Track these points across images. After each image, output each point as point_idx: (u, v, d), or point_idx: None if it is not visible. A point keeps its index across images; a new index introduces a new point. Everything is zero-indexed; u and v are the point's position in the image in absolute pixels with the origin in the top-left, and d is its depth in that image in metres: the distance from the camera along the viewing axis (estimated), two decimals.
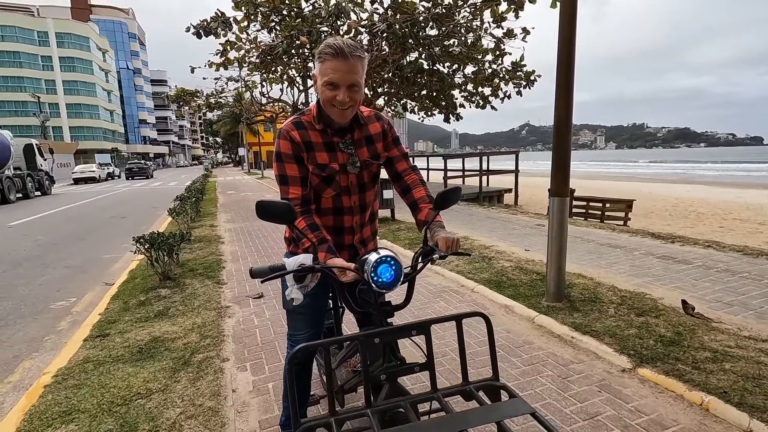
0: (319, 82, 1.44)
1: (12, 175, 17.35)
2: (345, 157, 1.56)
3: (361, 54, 1.39)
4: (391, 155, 1.70)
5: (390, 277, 1.22)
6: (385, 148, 1.68)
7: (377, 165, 1.66)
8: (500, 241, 6.34)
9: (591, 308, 3.52)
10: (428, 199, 1.60)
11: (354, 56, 1.36)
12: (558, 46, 3.44)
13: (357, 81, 1.41)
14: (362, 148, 1.60)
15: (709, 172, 40.50)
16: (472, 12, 10.74)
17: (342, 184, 1.58)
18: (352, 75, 1.39)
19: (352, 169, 1.57)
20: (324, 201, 1.60)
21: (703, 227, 11.07)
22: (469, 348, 2.94)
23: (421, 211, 1.57)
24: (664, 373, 2.51)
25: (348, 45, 1.36)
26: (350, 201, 1.61)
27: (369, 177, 1.64)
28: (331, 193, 1.58)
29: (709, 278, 4.25)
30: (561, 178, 3.61)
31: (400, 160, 1.71)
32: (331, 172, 1.54)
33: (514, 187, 14.60)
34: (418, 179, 1.69)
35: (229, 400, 2.46)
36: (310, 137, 1.54)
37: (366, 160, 1.60)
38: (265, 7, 9.88)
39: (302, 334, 1.77)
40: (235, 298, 4.26)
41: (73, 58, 55.49)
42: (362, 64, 1.41)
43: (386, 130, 1.67)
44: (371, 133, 1.63)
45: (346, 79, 1.39)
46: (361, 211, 1.66)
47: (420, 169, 7.22)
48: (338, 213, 1.62)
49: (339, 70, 1.37)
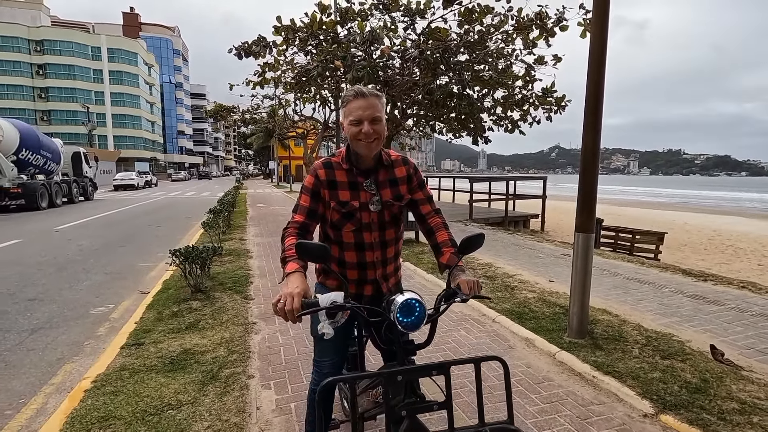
0: (345, 124, 1.64)
1: (60, 181, 18.49)
2: (367, 197, 1.69)
3: (378, 93, 1.60)
4: (415, 198, 1.81)
5: (414, 319, 1.32)
6: (410, 191, 1.80)
7: (398, 206, 1.77)
8: (524, 270, 6.31)
9: (614, 347, 3.47)
10: (450, 243, 1.71)
11: (372, 95, 1.59)
12: (587, 86, 3.50)
13: (378, 115, 1.60)
14: (386, 189, 1.73)
15: (755, 204, 38.33)
16: (504, 39, 10.90)
17: (363, 221, 1.70)
18: (372, 110, 1.58)
19: (374, 207, 1.70)
20: (345, 236, 1.72)
21: (740, 264, 10.59)
22: (487, 382, 2.96)
23: (444, 255, 1.68)
24: (687, 421, 2.46)
25: (367, 90, 1.59)
26: (371, 237, 1.73)
27: (390, 216, 1.75)
28: (350, 228, 1.70)
29: (742, 322, 4.11)
30: (587, 214, 3.63)
31: (425, 203, 1.82)
32: (351, 209, 1.68)
33: (541, 212, 14.43)
34: (441, 222, 1.80)
35: (254, 418, 2.58)
36: (336, 176, 1.69)
37: (388, 201, 1.72)
38: (303, 33, 10.35)
39: (327, 360, 1.87)
40: (261, 315, 4.41)
41: (122, 72, 59.07)
42: (380, 102, 1.61)
43: (411, 174, 1.80)
44: (396, 177, 1.76)
45: (368, 114, 1.58)
46: (382, 248, 1.76)
47: (447, 190, 7.29)
48: (360, 249, 1.73)
49: (360, 107, 1.58)
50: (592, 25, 3.57)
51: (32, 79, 53.46)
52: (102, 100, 57.88)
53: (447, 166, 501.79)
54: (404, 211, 1.84)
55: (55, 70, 54.01)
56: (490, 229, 11.55)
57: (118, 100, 59.20)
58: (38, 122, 50.49)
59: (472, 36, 10.38)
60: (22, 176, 15.96)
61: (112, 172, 40.94)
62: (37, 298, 5.18)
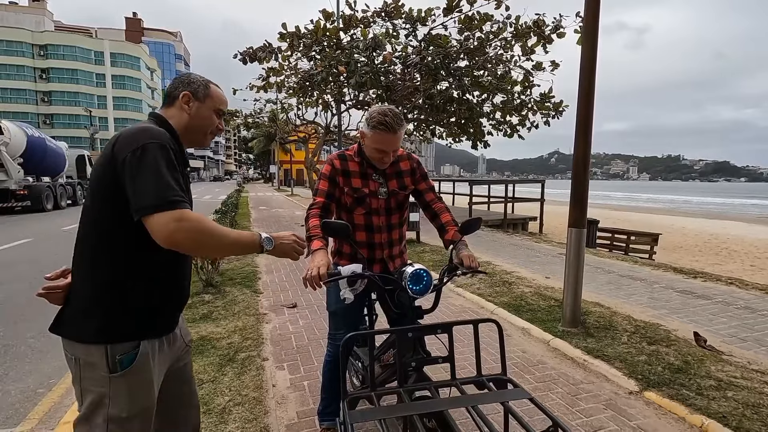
0: (368, 143, 1.87)
1: (65, 183, 18.74)
2: (375, 186, 1.98)
3: (403, 124, 1.83)
4: (419, 189, 2.10)
5: (423, 287, 1.56)
6: (413, 182, 2.08)
7: (403, 195, 2.06)
8: (522, 268, 6.54)
9: (605, 335, 3.70)
10: (453, 223, 1.99)
11: (399, 128, 1.80)
12: (578, 95, 3.76)
13: (399, 146, 1.88)
14: (392, 180, 2.01)
15: (754, 210, 38.50)
16: (503, 45, 11.20)
17: (372, 207, 1.98)
18: (396, 142, 1.84)
19: (381, 195, 1.98)
20: (357, 218, 2.00)
21: (733, 265, 10.84)
22: (485, 350, 3.19)
23: (448, 233, 1.96)
24: (668, 396, 2.69)
25: (396, 121, 1.77)
26: (379, 221, 2.01)
27: (395, 203, 2.04)
28: (361, 211, 1.98)
29: (727, 314, 4.35)
30: (578, 211, 3.88)
31: (428, 192, 2.11)
32: (362, 195, 1.96)
33: (539, 215, 14.67)
34: (444, 207, 2.09)
35: (270, 393, 2.80)
36: (349, 167, 1.98)
37: (393, 190, 2.01)
38: (308, 39, 10.65)
39: (341, 333, 2.11)
40: (271, 307, 4.64)
41: (124, 77, 59.58)
42: (403, 131, 1.85)
43: (414, 168, 2.09)
44: (401, 170, 2.05)
45: (392, 146, 1.84)
46: (389, 231, 2.04)
47: (447, 194, 7.64)
48: (369, 230, 2.01)
49: (388, 141, 1.81)
50: (582, 33, 3.84)
51: (35, 83, 53.93)
52: (104, 104, 58.30)
53: (447, 171, 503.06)
54: (408, 200, 2.11)
55: (58, 74, 54.49)
56: (490, 231, 11.79)
57: (120, 104, 59.63)
58: (41, 126, 50.78)
59: (471, 43, 10.69)
60: (28, 178, 16.22)
61: None
62: None
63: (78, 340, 1.21)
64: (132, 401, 1.22)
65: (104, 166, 1.18)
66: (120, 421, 1.21)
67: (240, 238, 1.25)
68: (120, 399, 1.20)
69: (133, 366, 1.22)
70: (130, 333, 1.23)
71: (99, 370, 1.19)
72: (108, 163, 1.17)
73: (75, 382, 1.24)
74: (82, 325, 1.21)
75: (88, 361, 1.20)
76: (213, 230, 1.17)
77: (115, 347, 1.20)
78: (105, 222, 1.21)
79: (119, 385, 1.20)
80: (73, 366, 1.23)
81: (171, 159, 1.18)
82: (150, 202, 1.10)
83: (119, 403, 1.20)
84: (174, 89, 1.36)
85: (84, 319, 1.22)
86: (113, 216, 1.19)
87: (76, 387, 1.24)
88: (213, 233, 1.17)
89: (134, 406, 1.23)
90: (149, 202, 1.10)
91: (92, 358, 1.20)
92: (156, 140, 1.17)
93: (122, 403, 1.21)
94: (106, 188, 1.18)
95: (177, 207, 1.11)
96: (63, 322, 1.25)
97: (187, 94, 1.34)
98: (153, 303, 1.28)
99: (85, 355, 1.20)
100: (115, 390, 1.20)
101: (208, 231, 1.16)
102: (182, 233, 1.11)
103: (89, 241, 1.24)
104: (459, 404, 1.34)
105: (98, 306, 1.22)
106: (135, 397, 1.23)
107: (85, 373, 1.21)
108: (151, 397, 1.28)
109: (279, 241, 1.34)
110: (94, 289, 1.22)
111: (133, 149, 1.14)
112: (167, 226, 1.09)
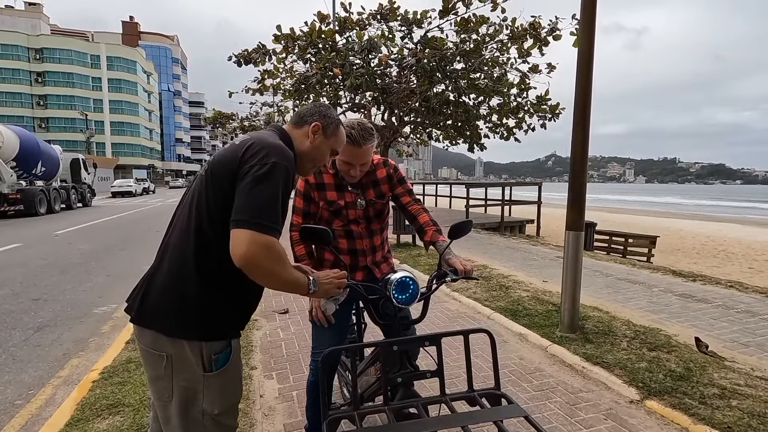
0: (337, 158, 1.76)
1: (58, 187, 18.56)
2: (352, 197, 1.90)
3: (373, 135, 1.73)
4: (396, 193, 2.01)
5: (409, 296, 1.46)
6: (391, 188, 2.00)
7: (381, 203, 1.98)
8: (519, 271, 6.44)
9: (604, 340, 3.60)
10: (431, 222, 1.90)
11: (367, 142, 1.71)
12: (575, 93, 3.67)
13: (367, 160, 1.78)
14: (369, 190, 1.93)
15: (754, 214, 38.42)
16: (499, 48, 11.15)
17: (350, 217, 1.91)
18: (365, 157, 1.75)
19: (359, 206, 1.90)
20: (336, 228, 1.92)
21: (731, 267, 10.77)
22: (478, 359, 3.09)
23: (426, 233, 1.87)
24: (671, 406, 2.59)
25: (362, 135, 1.68)
26: (359, 228, 1.93)
27: (374, 212, 1.96)
28: (339, 223, 1.91)
29: (728, 318, 4.26)
30: (576, 213, 3.78)
31: (405, 195, 2.01)
32: (338, 207, 1.89)
33: (536, 218, 14.58)
34: (421, 208, 2.00)
35: (257, 404, 2.69)
36: (324, 179, 1.89)
37: (371, 199, 1.93)
38: (303, 41, 10.57)
39: (326, 348, 2.00)
40: (262, 312, 4.52)
41: (121, 80, 59.36)
42: (373, 145, 1.76)
43: (391, 174, 2.00)
44: (378, 178, 1.96)
45: (359, 160, 1.75)
46: (370, 236, 1.96)
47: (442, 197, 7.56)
48: (350, 237, 1.93)
49: (354, 155, 1.73)
50: (579, 34, 3.76)
51: (31, 87, 53.69)
52: (101, 107, 58.09)
53: (444, 174, 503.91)
54: (387, 207, 2.03)
55: (54, 77, 54.29)
56: (486, 233, 11.70)
57: (116, 108, 59.41)
58: (36, 129, 50.55)
59: (467, 45, 10.63)
60: (21, 182, 16.05)
61: (110, 179, 40.95)
62: (41, 298, 5.27)
63: (171, 335, 1.19)
64: (224, 397, 1.25)
65: (231, 162, 1.19)
66: (213, 416, 1.24)
67: (296, 281, 1.23)
68: (214, 395, 1.23)
69: (228, 364, 1.25)
70: (225, 332, 1.25)
71: (193, 366, 1.20)
72: (233, 161, 1.19)
73: (159, 379, 1.22)
74: (179, 321, 1.19)
75: (180, 357, 1.19)
76: (283, 269, 1.17)
77: (211, 345, 1.21)
78: (220, 212, 1.18)
79: (213, 383, 1.22)
80: (156, 361, 1.21)
81: (289, 184, 1.20)
82: (251, 218, 1.10)
83: (213, 399, 1.22)
84: (309, 115, 1.39)
85: (181, 314, 1.19)
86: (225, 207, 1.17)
87: (161, 383, 1.22)
88: (282, 271, 1.16)
89: (226, 401, 1.26)
90: (250, 217, 1.10)
91: (185, 354, 1.19)
92: (286, 162, 1.19)
93: (216, 400, 1.23)
94: (225, 181, 1.18)
95: (271, 234, 1.11)
96: (154, 315, 1.21)
97: (318, 125, 1.37)
98: (247, 302, 1.31)
99: (178, 351, 1.19)
100: (208, 386, 1.22)
101: (280, 268, 1.16)
102: (261, 260, 1.11)
103: (201, 227, 1.20)
104: (448, 424, 1.24)
105: (200, 302, 1.20)
106: (227, 393, 1.27)
107: (177, 369, 1.20)
108: (240, 391, 1.34)
109: (320, 281, 1.32)
110: (199, 282, 1.19)
111: (263, 162, 1.15)
112: (252, 247, 1.09)
